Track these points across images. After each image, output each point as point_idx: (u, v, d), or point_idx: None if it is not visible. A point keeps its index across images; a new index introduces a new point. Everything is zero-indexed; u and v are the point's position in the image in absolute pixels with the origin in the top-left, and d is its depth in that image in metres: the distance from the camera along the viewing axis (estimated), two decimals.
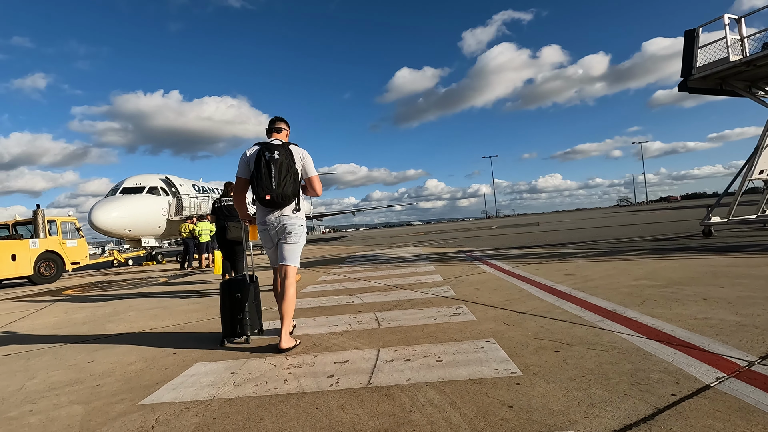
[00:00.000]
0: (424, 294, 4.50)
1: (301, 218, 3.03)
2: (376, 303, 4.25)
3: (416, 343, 2.73)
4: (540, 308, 3.39)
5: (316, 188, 3.06)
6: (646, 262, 5.41)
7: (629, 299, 3.41)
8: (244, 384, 2.26)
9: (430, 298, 4.24)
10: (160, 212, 17.02)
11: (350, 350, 2.71)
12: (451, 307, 3.74)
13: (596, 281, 4.36)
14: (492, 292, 4.26)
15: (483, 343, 2.60)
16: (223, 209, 5.89)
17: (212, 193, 20.59)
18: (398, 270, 7.00)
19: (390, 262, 8.64)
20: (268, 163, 2.82)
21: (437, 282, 5.28)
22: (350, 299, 4.61)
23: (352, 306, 4.22)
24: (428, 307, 3.80)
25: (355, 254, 12.31)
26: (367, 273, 6.97)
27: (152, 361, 2.88)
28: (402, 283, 5.41)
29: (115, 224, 15.39)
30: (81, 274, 14.61)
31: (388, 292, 4.81)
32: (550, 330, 2.75)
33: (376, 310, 3.91)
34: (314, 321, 3.67)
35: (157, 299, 6.15)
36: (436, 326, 3.11)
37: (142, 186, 16.87)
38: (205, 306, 5.13)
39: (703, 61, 7.63)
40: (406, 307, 3.90)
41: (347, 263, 9.35)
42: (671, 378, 1.85)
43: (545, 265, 6.04)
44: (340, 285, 5.81)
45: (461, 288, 4.69)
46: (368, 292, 5.01)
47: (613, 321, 2.82)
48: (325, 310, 4.11)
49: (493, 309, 3.51)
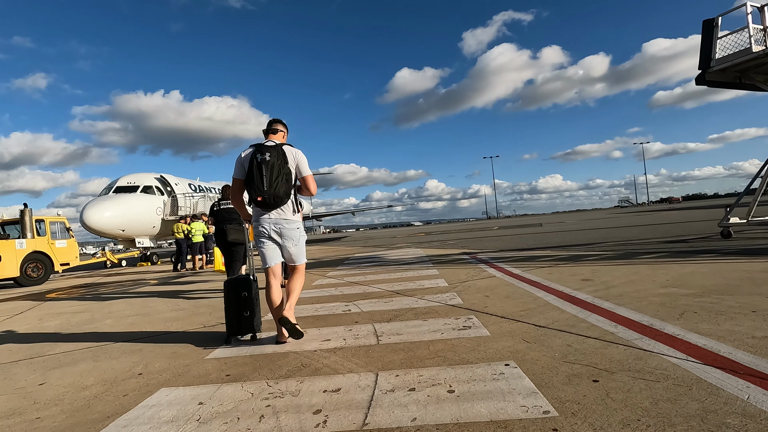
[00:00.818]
0: (428, 302, 4.08)
1: (298, 221, 3.11)
2: (375, 312, 3.82)
3: (422, 365, 2.30)
4: (562, 321, 2.96)
5: (311, 188, 3.11)
6: (670, 266, 4.98)
7: (664, 311, 2.98)
8: (210, 421, 1.84)
9: (435, 307, 3.81)
10: (154, 212, 16.60)
11: (343, 374, 2.28)
12: (459, 318, 3.31)
13: (619, 288, 3.93)
14: (504, 300, 3.84)
15: (502, 366, 2.17)
16: (222, 212, 5.82)
17: (209, 193, 20.18)
18: (399, 273, 6.57)
19: (390, 265, 8.22)
20: (259, 165, 2.86)
21: (442, 288, 4.86)
22: (347, 307, 4.18)
23: (348, 315, 3.79)
24: (433, 318, 3.38)
25: (354, 256, 11.89)
26: (366, 277, 6.55)
27: (112, 384, 2.46)
28: (403, 289, 4.99)
29: (108, 224, 14.97)
30: (71, 276, 14.19)
31: (389, 299, 4.39)
32: (580, 350, 2.32)
33: (375, 320, 3.49)
34: (305, 333, 3.25)
35: (141, 304, 5.73)
36: (444, 343, 2.69)
37: (136, 185, 16.45)
38: (188, 313, 4.71)
39: (723, 53, 7.20)
40: (408, 318, 3.47)
41: (345, 265, 8.92)
42: (757, 426, 1.43)
43: (557, 268, 5.61)
44: (336, 290, 5.38)
45: (469, 295, 4.26)
46: (367, 298, 4.59)
47: (654, 339, 2.39)
48: (318, 321, 3.68)
49: (508, 321, 3.09)
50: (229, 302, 3.16)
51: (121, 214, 15.32)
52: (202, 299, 5.76)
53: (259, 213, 3.02)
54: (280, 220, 3.00)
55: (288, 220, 3.02)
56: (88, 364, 2.95)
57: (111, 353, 3.18)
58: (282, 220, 3.00)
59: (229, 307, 3.16)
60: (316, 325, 3.50)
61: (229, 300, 3.16)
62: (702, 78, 7.42)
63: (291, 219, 3.03)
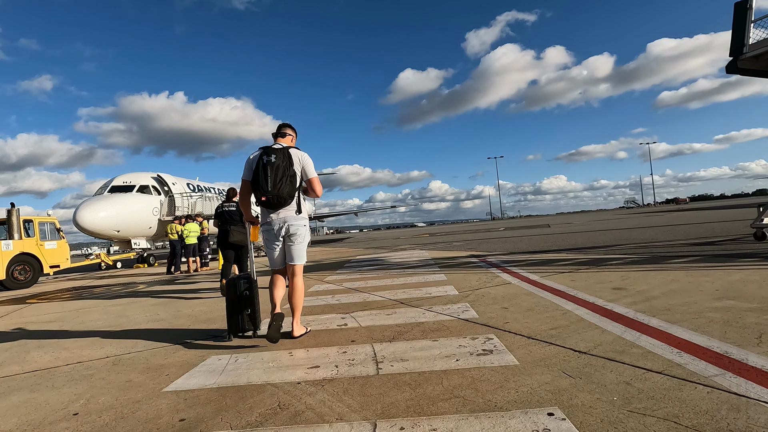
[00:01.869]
0: (437, 314, 3.51)
1: (304, 219, 3.16)
2: (375, 328, 3.26)
3: (434, 412, 1.74)
4: (606, 345, 2.38)
5: (316, 189, 3.14)
6: (711, 272, 4.38)
7: (735, 333, 2.39)
8: None
9: (445, 322, 3.24)
10: (151, 212, 16.12)
11: (330, 423, 1.72)
12: (476, 337, 2.74)
13: (662, 300, 3.35)
14: (527, 314, 3.26)
15: (544, 417, 1.61)
16: (225, 214, 5.95)
17: (208, 192, 19.70)
18: (403, 279, 6.00)
19: (394, 269, 7.65)
20: (265, 166, 2.94)
21: (451, 297, 4.29)
22: (343, 320, 3.62)
23: (344, 332, 3.23)
24: (445, 337, 2.81)
25: (356, 258, 11.32)
26: (366, 282, 5.98)
27: (34, 430, 1.91)
28: (408, 298, 4.42)
29: (103, 225, 14.50)
30: (63, 278, 13.72)
31: (391, 311, 3.82)
32: (646, 392, 1.75)
33: (375, 339, 2.93)
34: (289, 356, 2.69)
35: (118, 313, 5.20)
36: (462, 375, 2.12)
37: (132, 184, 15.98)
38: (166, 324, 4.16)
39: (756, 38, 6.58)
40: (414, 336, 2.91)
41: (346, 269, 8.36)
42: None
43: (580, 274, 5.02)
44: (333, 298, 4.82)
45: (484, 306, 3.69)
46: (366, 309, 4.03)
47: (740, 376, 1.81)
48: (309, 338, 3.12)
49: (538, 343, 2.51)
50: (230, 300, 3.20)
51: (116, 215, 14.85)
52: (186, 307, 5.22)
53: (266, 214, 3.10)
54: (287, 218, 3.07)
55: (294, 217, 3.09)
56: (22, 395, 2.40)
57: (55, 380, 2.64)
58: (288, 217, 3.07)
59: (231, 305, 3.20)
60: (305, 345, 2.94)
61: (230, 298, 3.20)
62: (733, 65, 6.81)
63: (296, 217, 3.10)
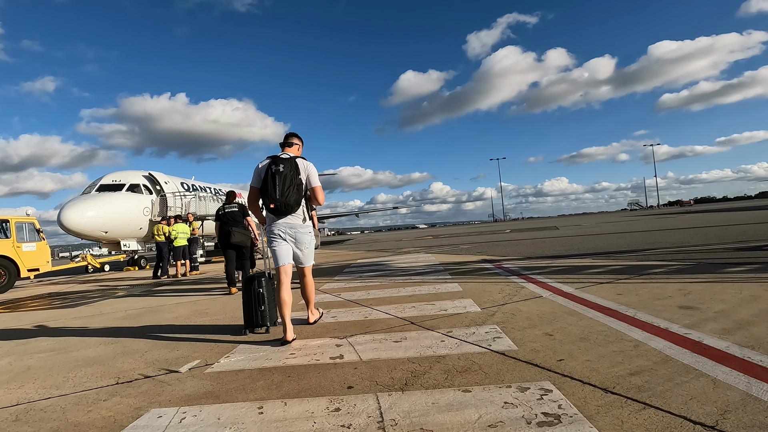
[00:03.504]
0: (461, 342, 2.68)
1: (309, 227, 3.32)
2: (380, 363, 2.43)
3: None
4: (738, 409, 1.55)
5: (319, 197, 3.31)
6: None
7: None
8: None
9: (474, 356, 2.42)
10: (141, 212, 15.32)
11: None
12: (526, 387, 1.92)
13: (762, 326, 2.51)
14: (583, 346, 2.43)
15: None
16: (227, 215, 6.18)
17: (203, 192, 18.90)
18: (411, 289, 5.17)
19: (399, 275, 6.82)
20: (273, 175, 3.10)
21: (473, 315, 3.46)
22: (338, 348, 2.80)
23: (338, 369, 2.40)
24: (480, 385, 1.98)
25: (357, 262, 10.49)
26: (368, 293, 5.15)
27: None
28: (419, 315, 3.60)
29: (90, 225, 13.68)
30: (43, 282, 12.93)
31: (400, 335, 3.00)
32: None
33: (381, 384, 2.10)
34: (258, 414, 1.87)
35: (71, 332, 4.38)
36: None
37: (122, 183, 15.19)
38: (115, 352, 3.32)
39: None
40: (436, 381, 2.08)
41: (346, 275, 7.53)
42: None
43: (624, 286, 4.18)
44: (328, 314, 3.99)
45: (519, 330, 2.86)
46: (368, 331, 3.20)
47: None
48: (290, 380, 2.29)
49: (623, 402, 1.68)
50: (246, 297, 3.45)
51: (104, 215, 14.03)
52: (156, 323, 4.40)
53: (272, 219, 3.23)
54: (294, 225, 3.22)
55: (300, 225, 3.25)
56: None
57: None
58: (295, 224, 3.22)
59: (247, 302, 3.44)
60: (282, 392, 2.12)
61: (246, 295, 3.45)
62: None
63: (302, 225, 3.26)
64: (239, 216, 6.21)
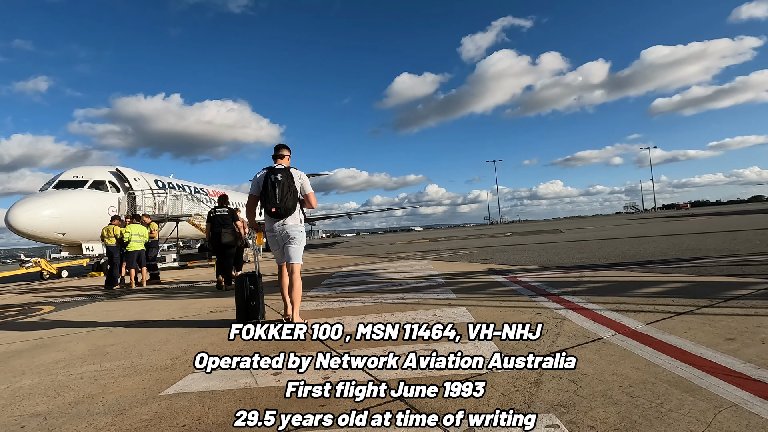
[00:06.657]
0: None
1: (300, 225, 3.72)
2: None
3: None
4: None
5: (312, 202, 3.76)
6: None
7: None
8: None
9: None
10: (106, 211, 13.73)
11: None
12: None
13: None
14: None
15: None
16: (217, 218, 6.85)
17: (179, 191, 17.35)
18: (403, 315, 3.76)
19: (389, 291, 5.40)
20: (273, 184, 3.55)
21: (506, 383, 2.05)
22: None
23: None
24: None
25: (342, 270, 9.04)
26: (344, 320, 3.71)
27: None
28: (412, 378, 2.17)
29: (43, 227, 12.07)
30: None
31: (382, 424, 1.59)
32: None
33: None
34: None
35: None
36: None
37: (84, 180, 13.64)
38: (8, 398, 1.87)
39: None
40: None
41: (323, 289, 6.09)
42: None
43: (724, 321, 2.77)
44: (269, 374, 2.56)
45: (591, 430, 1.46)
46: (331, 408, 1.78)
47: None
48: None
49: None
50: (239, 294, 3.76)
51: (60, 215, 12.43)
52: (78, 341, 2.94)
53: (272, 222, 3.64)
54: (288, 224, 3.63)
55: (293, 224, 3.65)
56: None
57: None
58: (289, 224, 3.63)
59: (239, 298, 3.77)
60: None
61: (239, 292, 3.76)
62: None
63: (295, 223, 3.66)
64: (229, 219, 6.91)
